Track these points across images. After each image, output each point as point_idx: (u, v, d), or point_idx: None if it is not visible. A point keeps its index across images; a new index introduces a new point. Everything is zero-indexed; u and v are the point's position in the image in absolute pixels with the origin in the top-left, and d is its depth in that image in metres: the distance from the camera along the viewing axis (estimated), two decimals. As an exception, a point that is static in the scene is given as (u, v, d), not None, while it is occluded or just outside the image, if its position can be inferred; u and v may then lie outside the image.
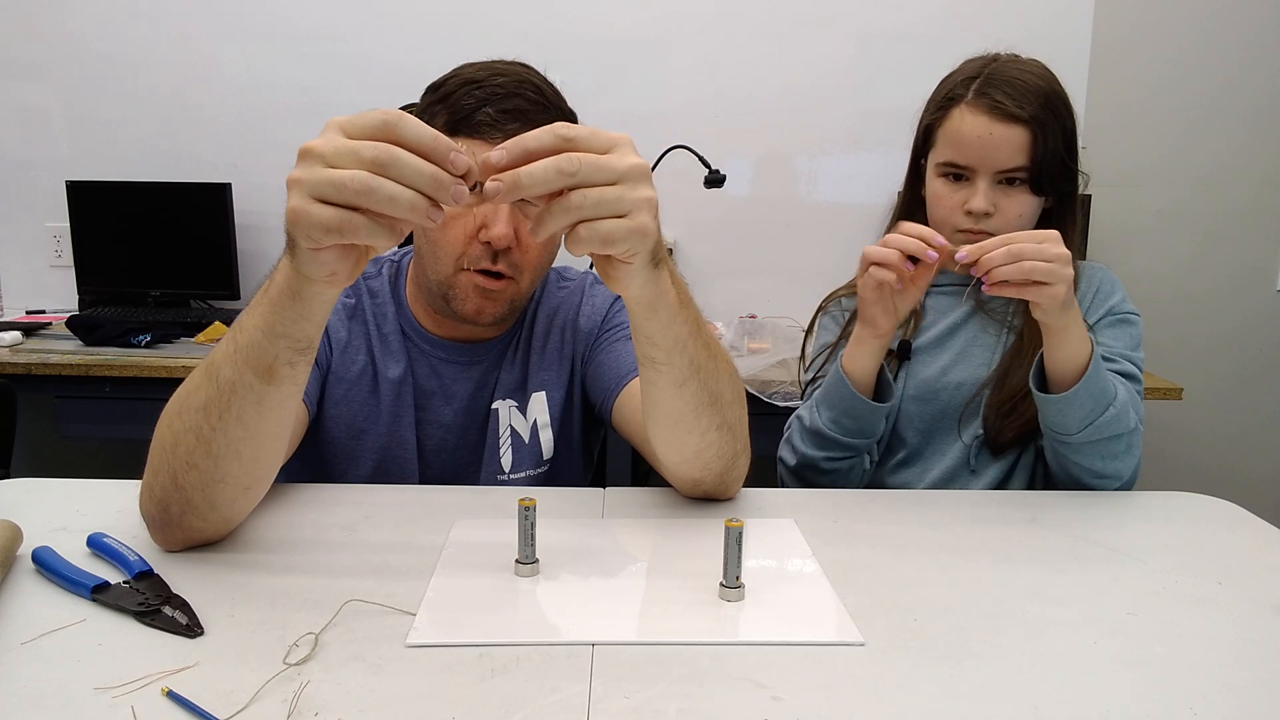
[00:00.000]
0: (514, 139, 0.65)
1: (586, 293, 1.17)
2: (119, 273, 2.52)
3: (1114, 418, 1.02)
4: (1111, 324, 1.15)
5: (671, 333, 0.79)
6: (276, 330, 0.72)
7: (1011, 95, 1.08)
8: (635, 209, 0.66)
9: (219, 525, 0.82)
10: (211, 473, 0.76)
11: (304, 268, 0.69)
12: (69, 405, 2.11)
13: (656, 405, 0.87)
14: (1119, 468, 1.05)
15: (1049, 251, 0.91)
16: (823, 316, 1.29)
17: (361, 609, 0.71)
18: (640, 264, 0.71)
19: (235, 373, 0.73)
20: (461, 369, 1.11)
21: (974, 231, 1.10)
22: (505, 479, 1.11)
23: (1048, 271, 0.91)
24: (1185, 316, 2.66)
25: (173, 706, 0.58)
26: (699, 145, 2.24)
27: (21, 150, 2.58)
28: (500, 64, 1.02)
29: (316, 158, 0.64)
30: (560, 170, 0.64)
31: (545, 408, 1.13)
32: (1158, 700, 0.62)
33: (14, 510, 0.84)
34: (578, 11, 2.52)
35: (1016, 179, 1.09)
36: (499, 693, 0.60)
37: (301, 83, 2.52)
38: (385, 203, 0.62)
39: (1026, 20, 2.41)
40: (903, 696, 0.62)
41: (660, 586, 0.77)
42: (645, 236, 0.68)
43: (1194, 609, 0.76)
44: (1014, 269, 0.91)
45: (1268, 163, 2.63)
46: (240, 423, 0.75)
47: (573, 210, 0.65)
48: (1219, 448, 2.77)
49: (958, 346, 1.20)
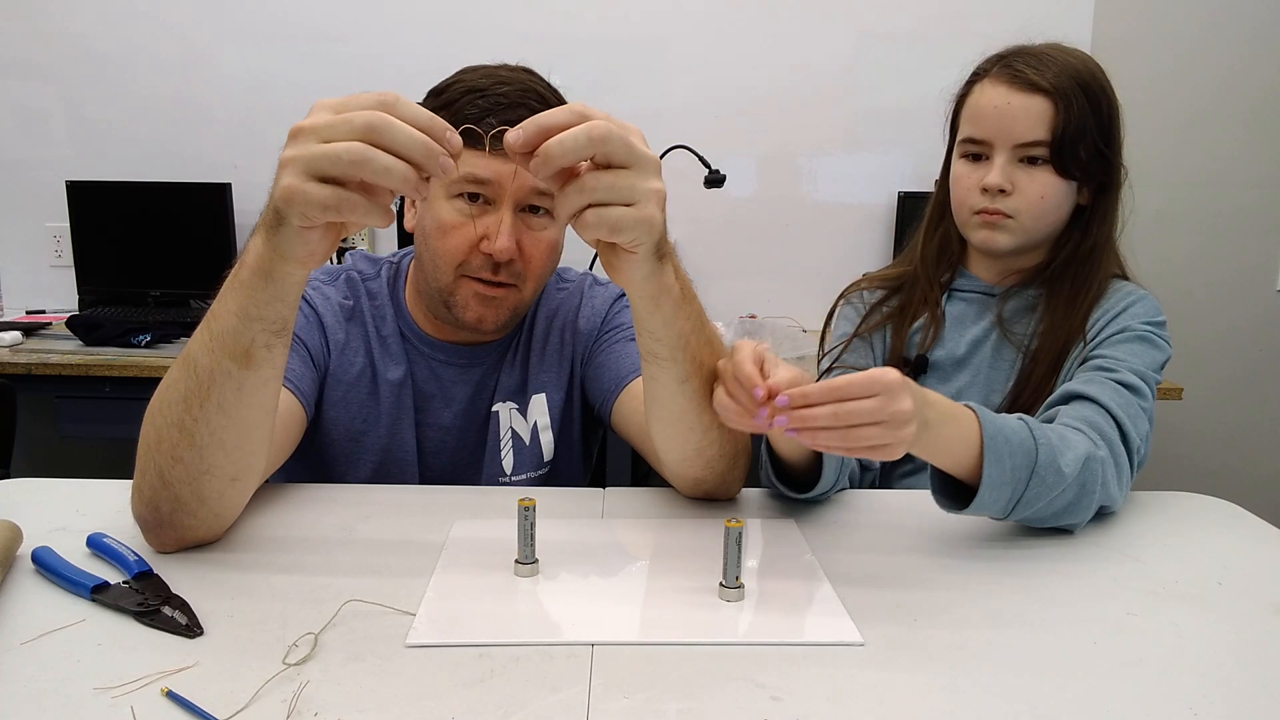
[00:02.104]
0: (531, 118, 0.65)
1: (586, 294, 1.17)
2: (119, 273, 2.52)
3: (1045, 480, 0.83)
4: (1127, 339, 1.03)
5: (674, 328, 0.79)
6: (250, 313, 0.71)
7: (1033, 65, 1.02)
8: (644, 199, 0.67)
9: (210, 522, 0.81)
10: (197, 465, 0.76)
11: (284, 246, 0.68)
12: (69, 405, 2.11)
13: (659, 402, 0.86)
14: (1081, 517, 0.88)
15: (883, 411, 0.72)
16: (843, 306, 1.24)
17: (361, 609, 0.71)
18: (644, 255, 0.72)
19: (213, 360, 0.73)
20: (461, 371, 1.11)
21: (990, 212, 1.04)
22: (507, 481, 1.11)
23: (878, 436, 0.73)
24: (1185, 316, 2.66)
25: (172, 706, 0.58)
26: (699, 145, 2.24)
27: (21, 150, 2.58)
28: (504, 70, 1.00)
29: (310, 134, 0.64)
30: (591, 137, 0.64)
31: (545, 409, 1.12)
32: (1158, 700, 0.62)
33: (14, 510, 0.84)
34: (578, 11, 2.52)
35: (1038, 157, 1.02)
36: (499, 693, 0.60)
37: (301, 83, 2.52)
38: (380, 173, 0.62)
39: (1026, 20, 2.39)
40: (903, 696, 0.62)
41: (660, 586, 0.77)
42: (651, 228, 0.69)
43: (1194, 609, 0.75)
44: (838, 437, 0.73)
45: (1267, 162, 2.63)
46: (221, 411, 0.74)
47: (586, 192, 0.66)
48: (1219, 448, 2.77)
49: (975, 368, 1.14)
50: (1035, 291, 1.11)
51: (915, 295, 1.17)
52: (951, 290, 1.16)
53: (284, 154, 0.65)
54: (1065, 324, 1.06)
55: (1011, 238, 1.05)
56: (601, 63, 2.53)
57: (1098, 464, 0.87)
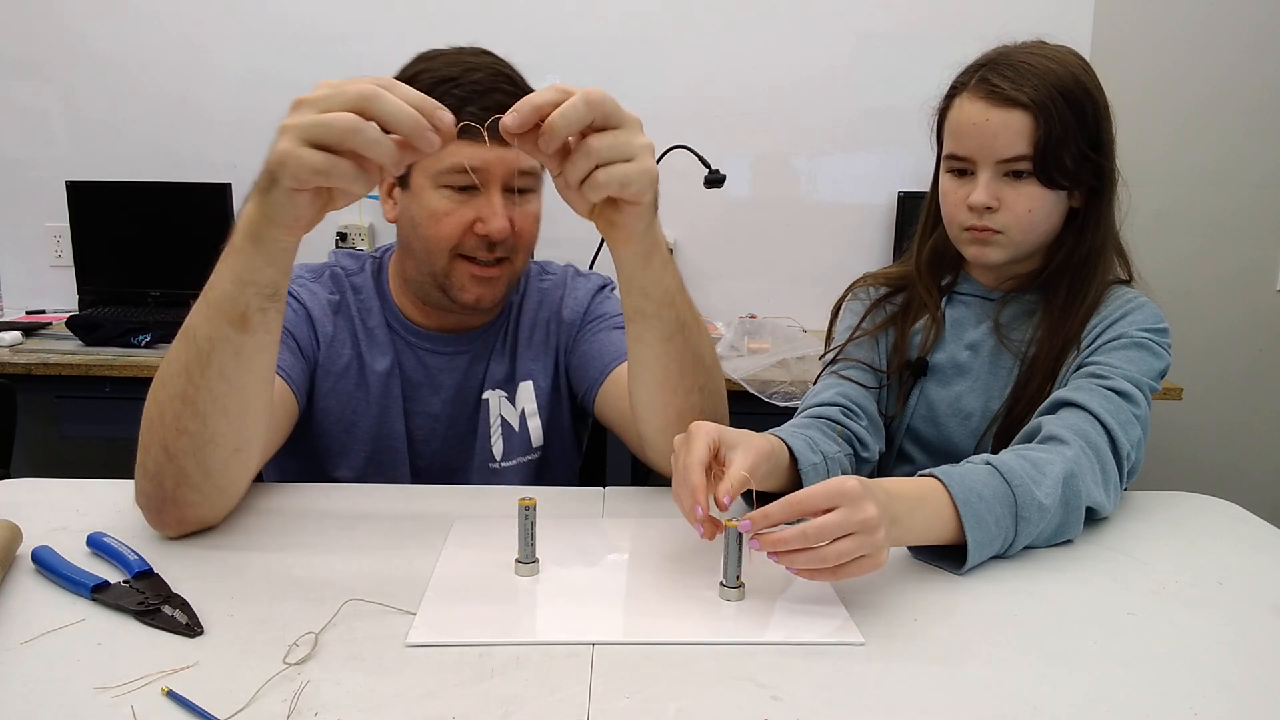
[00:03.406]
0: (522, 100, 0.70)
1: (569, 285, 1.21)
2: (119, 273, 2.51)
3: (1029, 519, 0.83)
4: (1122, 346, 1.01)
5: (663, 283, 0.86)
6: (244, 277, 0.75)
7: (1011, 79, 0.99)
8: (641, 153, 0.74)
9: (214, 497, 0.83)
10: (201, 434, 0.79)
11: (275, 210, 0.72)
12: (69, 405, 2.11)
13: (645, 365, 0.91)
14: (1074, 532, 0.88)
15: (850, 522, 0.70)
16: (850, 300, 1.23)
17: (361, 608, 0.71)
18: (647, 205, 0.78)
19: (211, 328, 0.76)
20: (448, 359, 1.14)
21: (979, 229, 1.04)
22: (497, 466, 1.14)
23: (854, 548, 0.70)
24: (1185, 316, 2.66)
25: (172, 706, 0.58)
26: (699, 145, 2.24)
27: (21, 150, 2.58)
28: (467, 55, 1.03)
29: (309, 105, 0.69)
30: (589, 102, 0.70)
31: (532, 396, 1.16)
32: (1158, 700, 0.62)
33: (14, 510, 0.84)
34: (578, 11, 2.52)
35: (1022, 170, 1.01)
36: (499, 693, 0.60)
37: (301, 83, 2.46)
38: (369, 144, 0.67)
39: (1026, 20, 2.39)
40: (903, 696, 0.62)
41: (660, 586, 0.77)
42: (653, 178, 0.76)
43: (1194, 609, 0.75)
44: (815, 559, 0.70)
45: (1268, 162, 2.63)
46: (222, 377, 0.78)
47: (593, 154, 0.72)
48: (1219, 448, 2.77)
49: (974, 373, 1.12)
50: (1033, 297, 1.11)
51: (916, 296, 1.17)
52: (952, 293, 1.16)
53: (284, 122, 0.69)
54: (1062, 331, 1.06)
55: (1003, 252, 1.06)
56: (601, 63, 2.53)
57: (1076, 480, 0.86)
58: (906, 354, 1.15)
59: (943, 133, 1.09)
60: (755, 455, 0.81)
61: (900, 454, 1.17)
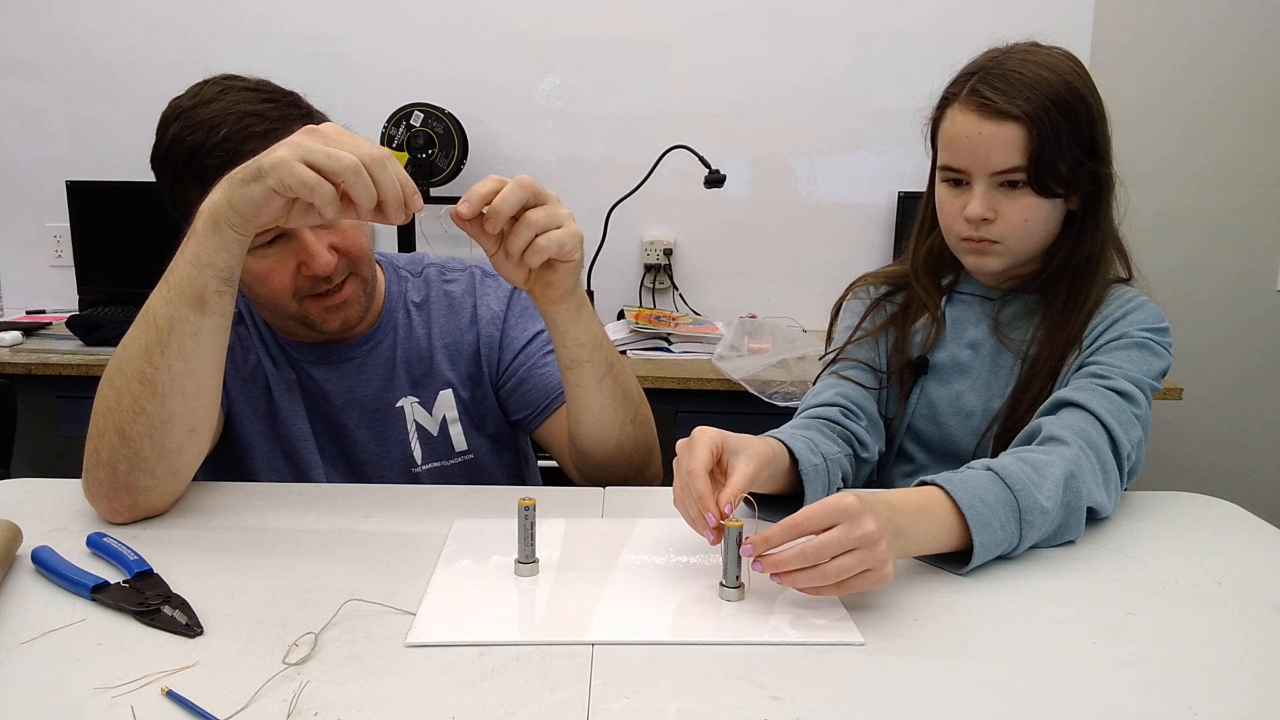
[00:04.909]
0: (471, 191, 0.82)
1: (479, 286, 1.18)
2: (119, 273, 2.51)
3: (1033, 522, 0.83)
4: (1123, 346, 1.01)
5: (592, 331, 0.96)
6: (203, 260, 0.83)
7: (1003, 90, 0.99)
8: (567, 220, 0.86)
9: (166, 480, 0.87)
10: (159, 414, 0.85)
11: (245, 202, 0.79)
12: (69, 405, 2.11)
13: (583, 405, 1.00)
14: (1076, 533, 0.88)
15: (849, 538, 0.69)
16: (850, 300, 1.23)
17: (361, 609, 0.71)
18: (576, 263, 0.89)
19: (171, 309, 0.84)
20: (333, 369, 1.13)
21: (976, 239, 1.04)
22: (418, 470, 1.15)
23: (856, 563, 0.70)
24: (1185, 317, 2.66)
25: (172, 706, 0.58)
26: (699, 145, 2.24)
27: (21, 150, 2.58)
28: (201, 109, 0.99)
29: (320, 136, 0.77)
30: (522, 186, 0.83)
31: (452, 404, 1.15)
32: (1158, 700, 0.62)
33: (14, 510, 0.84)
34: (578, 12, 2.52)
35: (1017, 180, 1.01)
36: (499, 693, 0.60)
37: (301, 83, 2.49)
38: (361, 190, 0.76)
39: (1026, 20, 2.39)
40: (903, 696, 0.62)
41: (660, 586, 0.77)
42: (580, 239, 0.87)
43: (1194, 609, 0.76)
44: (818, 576, 0.70)
45: (1268, 163, 2.63)
46: (181, 356, 0.84)
47: (533, 225, 0.84)
48: (1219, 448, 2.77)
49: (974, 373, 1.12)
50: (1033, 296, 1.10)
51: (916, 295, 1.17)
52: (952, 292, 1.16)
53: (291, 139, 0.77)
54: (1063, 331, 1.06)
55: (1001, 260, 1.06)
56: (601, 63, 2.53)
57: (1077, 480, 0.86)
58: (907, 353, 1.15)
59: (936, 141, 1.08)
60: (758, 461, 0.82)
61: (901, 453, 1.17)
